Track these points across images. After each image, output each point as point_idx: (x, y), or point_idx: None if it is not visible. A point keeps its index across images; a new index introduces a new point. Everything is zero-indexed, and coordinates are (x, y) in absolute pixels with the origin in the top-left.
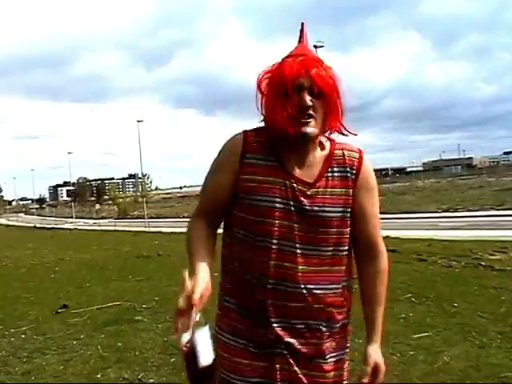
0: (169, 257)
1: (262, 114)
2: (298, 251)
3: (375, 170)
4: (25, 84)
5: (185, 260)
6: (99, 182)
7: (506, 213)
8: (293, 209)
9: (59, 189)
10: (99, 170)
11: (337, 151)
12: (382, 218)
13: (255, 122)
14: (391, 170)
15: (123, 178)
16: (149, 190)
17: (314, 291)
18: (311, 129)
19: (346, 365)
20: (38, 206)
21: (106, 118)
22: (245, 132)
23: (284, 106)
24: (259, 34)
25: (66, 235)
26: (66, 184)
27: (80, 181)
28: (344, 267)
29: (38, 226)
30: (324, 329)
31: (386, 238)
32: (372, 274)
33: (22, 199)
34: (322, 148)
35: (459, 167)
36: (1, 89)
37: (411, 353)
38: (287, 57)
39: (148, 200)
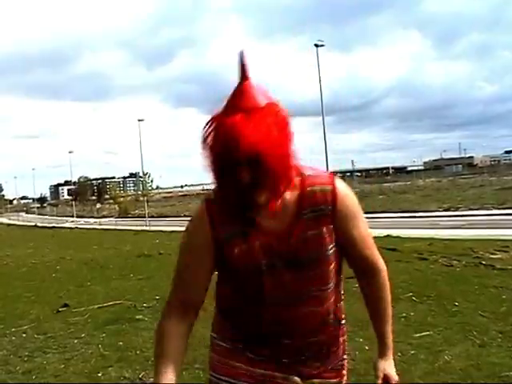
0: (170, 256)
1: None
2: (286, 301)
3: (376, 170)
4: (25, 83)
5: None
6: (100, 180)
7: (507, 212)
8: (274, 265)
9: (60, 188)
10: (100, 168)
11: (308, 189)
12: (383, 217)
13: None
14: (392, 168)
15: (124, 177)
16: (150, 188)
17: (305, 333)
18: (262, 199)
19: (344, 371)
20: (38, 205)
21: (107, 117)
22: (207, 202)
23: (225, 185)
24: (259, 34)
25: (66, 234)
26: (67, 183)
27: (81, 180)
28: (332, 300)
29: (38, 225)
30: (319, 362)
31: (386, 236)
32: (373, 291)
33: (22, 198)
34: (292, 190)
35: (460, 166)
36: (1, 88)
37: (412, 352)
38: (227, 108)
39: (149, 199)
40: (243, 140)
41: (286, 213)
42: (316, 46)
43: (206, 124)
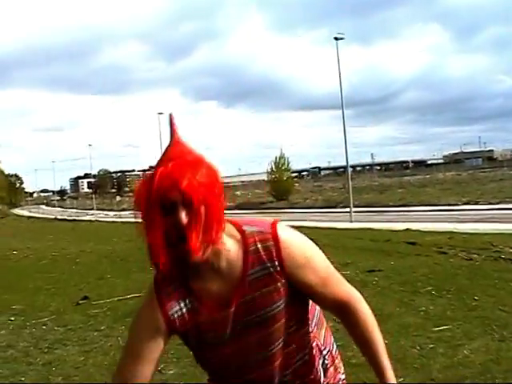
0: None
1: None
2: (248, 368)
3: (396, 163)
4: (46, 76)
5: None
6: (120, 173)
7: None
8: (229, 336)
9: (80, 181)
10: (120, 161)
11: (251, 247)
12: (402, 211)
13: (275, 114)
14: (412, 162)
15: (144, 170)
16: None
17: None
18: (197, 256)
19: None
20: (58, 198)
21: (127, 110)
22: (157, 287)
23: (159, 228)
24: (280, 27)
25: (86, 227)
26: (86, 176)
27: (101, 173)
28: (295, 345)
29: (58, 217)
30: None
31: (406, 230)
32: (351, 323)
33: (43, 191)
34: (231, 251)
35: (480, 160)
36: (22, 81)
37: (431, 346)
38: (159, 163)
39: None
40: (182, 182)
41: (231, 275)
42: (336, 39)
43: (141, 178)
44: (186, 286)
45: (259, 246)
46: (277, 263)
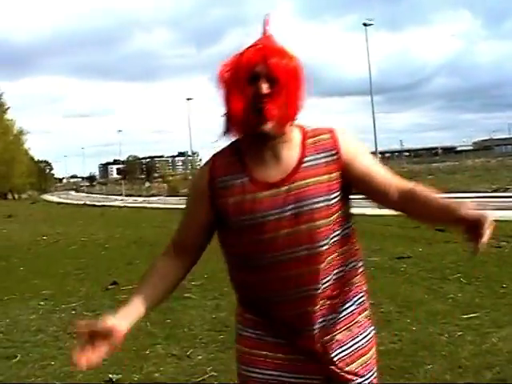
0: None
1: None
2: (292, 255)
3: (425, 150)
4: (77, 63)
5: None
6: (149, 159)
7: None
8: (275, 217)
9: (109, 167)
10: (149, 147)
11: (308, 140)
12: None
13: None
14: (441, 149)
15: (173, 156)
16: (198, 167)
17: (315, 291)
18: (268, 126)
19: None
20: (88, 184)
21: (157, 96)
22: (213, 157)
23: (240, 95)
24: (309, 12)
25: (115, 212)
26: (116, 162)
27: (130, 159)
28: (337, 254)
29: (88, 203)
30: (331, 321)
31: None
32: (413, 197)
33: (72, 177)
34: (292, 140)
35: (510, 147)
36: (52, 68)
37: (459, 333)
38: (247, 47)
39: None
40: (269, 58)
41: (287, 162)
42: (365, 25)
43: (224, 61)
44: (242, 162)
45: (317, 138)
46: (333, 152)
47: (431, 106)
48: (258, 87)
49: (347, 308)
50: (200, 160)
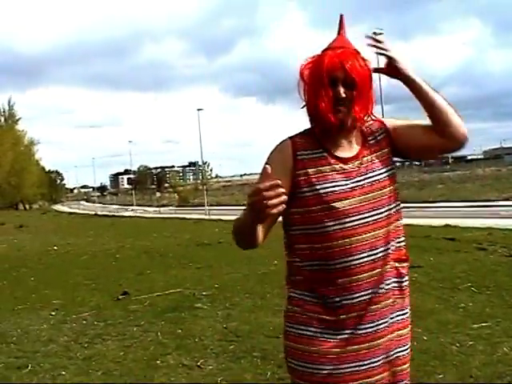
0: (229, 245)
1: (304, 100)
2: (359, 222)
3: (436, 159)
4: (88, 73)
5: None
6: (160, 170)
7: None
8: (347, 186)
9: (120, 177)
10: (160, 158)
11: (364, 128)
12: (442, 207)
13: None
14: (452, 158)
15: (184, 166)
16: (209, 177)
17: (380, 254)
18: (345, 119)
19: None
20: (99, 194)
21: (167, 107)
22: (290, 137)
23: (322, 96)
24: (318, 22)
25: (126, 223)
26: (126, 172)
27: (141, 169)
28: (400, 221)
29: (98, 213)
30: (394, 285)
31: (445, 226)
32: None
33: (83, 187)
34: (356, 129)
35: None
36: (63, 79)
37: (470, 343)
38: (327, 49)
39: (208, 188)
40: (346, 63)
41: (353, 144)
42: (374, 34)
43: (307, 59)
44: (320, 142)
45: (370, 124)
46: (381, 131)
47: None
48: (337, 91)
49: (403, 278)
50: (211, 170)
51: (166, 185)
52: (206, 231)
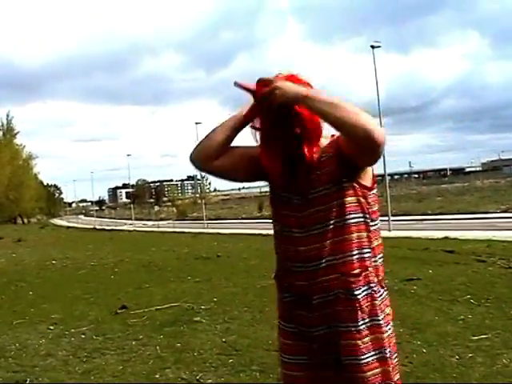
0: (228, 258)
1: None
2: (306, 233)
3: (434, 171)
4: (86, 87)
5: (244, 261)
6: (158, 183)
7: None
8: (295, 201)
9: (118, 191)
10: (158, 172)
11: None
12: (440, 219)
13: None
14: (450, 170)
15: (182, 180)
16: (207, 191)
17: (328, 263)
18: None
19: (384, 333)
20: (97, 208)
21: (166, 121)
22: None
23: (280, 134)
24: (316, 35)
25: (125, 237)
26: (125, 186)
27: (139, 183)
28: (354, 235)
29: (97, 227)
30: (342, 296)
31: (444, 238)
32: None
33: (81, 201)
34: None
35: None
36: (61, 93)
37: (470, 355)
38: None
39: (207, 201)
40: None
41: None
42: (372, 47)
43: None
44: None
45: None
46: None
47: (440, 128)
48: (295, 127)
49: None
50: (209, 184)
51: (165, 199)
52: (205, 245)
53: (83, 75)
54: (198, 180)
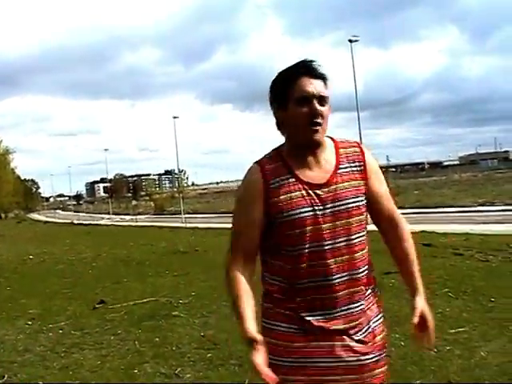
0: (205, 252)
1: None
2: (327, 247)
3: (412, 165)
4: (63, 81)
5: (222, 256)
6: (136, 178)
7: None
8: (317, 212)
9: (96, 185)
10: (136, 166)
11: (341, 150)
12: (418, 213)
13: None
14: (427, 164)
15: (160, 174)
16: (185, 185)
17: (343, 279)
18: (321, 137)
19: (382, 332)
20: (75, 203)
21: (144, 115)
22: (259, 163)
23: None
24: (296, 29)
25: (102, 231)
26: (102, 180)
27: (117, 177)
28: (366, 252)
29: (75, 222)
30: (355, 309)
31: (422, 232)
32: (398, 236)
33: (59, 196)
34: (327, 148)
35: (496, 161)
36: (39, 87)
37: (448, 348)
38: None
39: (184, 196)
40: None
41: (325, 167)
42: (350, 41)
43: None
44: (286, 166)
45: (348, 149)
46: (361, 164)
47: (418, 122)
48: (314, 107)
49: (363, 302)
50: (187, 178)
51: (142, 193)
52: (183, 239)
53: (61, 69)
54: (176, 174)
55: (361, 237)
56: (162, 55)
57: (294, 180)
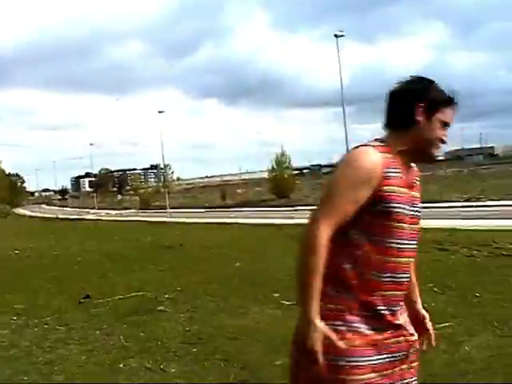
0: (191, 247)
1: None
2: (407, 246)
3: None
4: (47, 75)
5: (207, 250)
6: (121, 172)
7: None
8: (410, 212)
9: (81, 180)
10: (121, 160)
11: (414, 165)
12: None
13: (277, 111)
14: None
15: (145, 169)
16: (171, 180)
17: (408, 279)
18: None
19: None
20: (60, 197)
21: (129, 109)
22: (377, 148)
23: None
24: (282, 24)
25: (88, 226)
26: (88, 175)
27: (102, 172)
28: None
29: (60, 216)
30: (403, 307)
31: None
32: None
33: (44, 190)
34: None
35: (481, 156)
36: (23, 80)
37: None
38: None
39: (170, 190)
40: None
41: (414, 174)
42: (336, 36)
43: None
44: (398, 164)
45: (414, 165)
46: (418, 180)
47: None
48: (445, 135)
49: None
50: (172, 173)
51: (128, 188)
52: (168, 234)
53: (45, 63)
54: (161, 169)
55: (417, 244)
56: (148, 49)
57: (401, 176)
